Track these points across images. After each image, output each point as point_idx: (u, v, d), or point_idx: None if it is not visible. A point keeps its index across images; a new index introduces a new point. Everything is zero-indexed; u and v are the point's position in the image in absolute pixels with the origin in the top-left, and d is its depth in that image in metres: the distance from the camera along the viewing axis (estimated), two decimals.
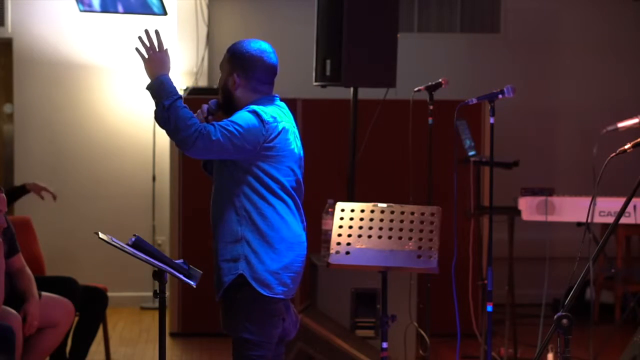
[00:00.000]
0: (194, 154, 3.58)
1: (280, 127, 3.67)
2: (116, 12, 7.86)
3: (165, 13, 7.82)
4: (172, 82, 3.61)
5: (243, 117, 3.62)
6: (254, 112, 3.63)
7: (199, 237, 6.79)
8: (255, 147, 3.60)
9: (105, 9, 7.84)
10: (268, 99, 3.75)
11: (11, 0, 8.08)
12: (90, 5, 7.79)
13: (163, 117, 3.54)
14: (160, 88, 3.58)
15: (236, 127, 3.57)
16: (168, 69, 3.64)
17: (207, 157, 3.73)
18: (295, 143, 3.76)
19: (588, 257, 3.12)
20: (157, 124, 3.62)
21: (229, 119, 3.63)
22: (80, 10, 7.76)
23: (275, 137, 3.65)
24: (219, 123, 3.59)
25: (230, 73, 3.73)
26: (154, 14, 7.83)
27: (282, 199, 3.68)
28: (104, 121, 8.17)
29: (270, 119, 3.64)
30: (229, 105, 3.77)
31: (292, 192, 3.72)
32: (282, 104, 3.80)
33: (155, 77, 3.60)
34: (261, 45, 3.75)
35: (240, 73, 3.71)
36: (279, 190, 3.67)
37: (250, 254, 3.63)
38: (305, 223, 3.80)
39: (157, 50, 3.64)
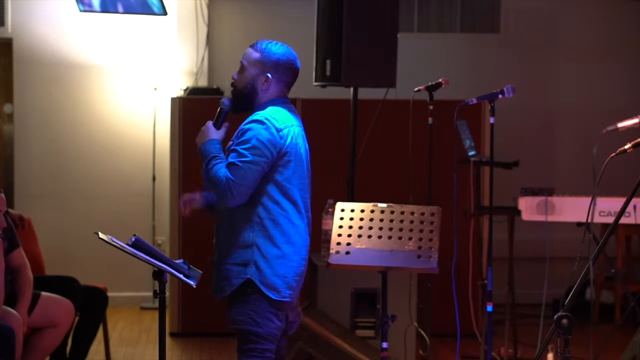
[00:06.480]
0: (238, 202, 3.66)
1: (292, 132, 3.74)
2: (116, 12, 7.86)
3: (165, 13, 7.82)
4: (210, 147, 3.74)
5: (254, 134, 3.66)
6: (266, 121, 3.69)
7: (199, 237, 6.77)
8: (274, 154, 3.67)
9: (105, 9, 7.83)
10: (281, 100, 3.82)
11: (11, 0, 8.08)
12: (90, 5, 7.79)
13: (206, 177, 3.70)
14: (201, 154, 3.75)
15: (251, 151, 3.63)
16: (208, 138, 3.77)
17: (249, 194, 3.69)
18: (304, 146, 3.83)
19: (588, 257, 3.12)
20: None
21: (241, 146, 3.65)
22: (80, 10, 7.76)
23: (289, 142, 3.71)
24: (234, 159, 3.63)
25: (262, 72, 3.78)
26: (154, 14, 7.82)
27: (295, 203, 3.74)
28: (104, 121, 8.16)
29: (282, 126, 3.71)
30: (243, 103, 3.82)
31: (305, 193, 3.79)
32: (291, 106, 3.87)
33: (197, 145, 3.79)
34: (291, 50, 3.84)
35: (273, 74, 3.78)
36: (293, 195, 3.74)
37: (260, 260, 3.69)
38: (310, 224, 3.85)
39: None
